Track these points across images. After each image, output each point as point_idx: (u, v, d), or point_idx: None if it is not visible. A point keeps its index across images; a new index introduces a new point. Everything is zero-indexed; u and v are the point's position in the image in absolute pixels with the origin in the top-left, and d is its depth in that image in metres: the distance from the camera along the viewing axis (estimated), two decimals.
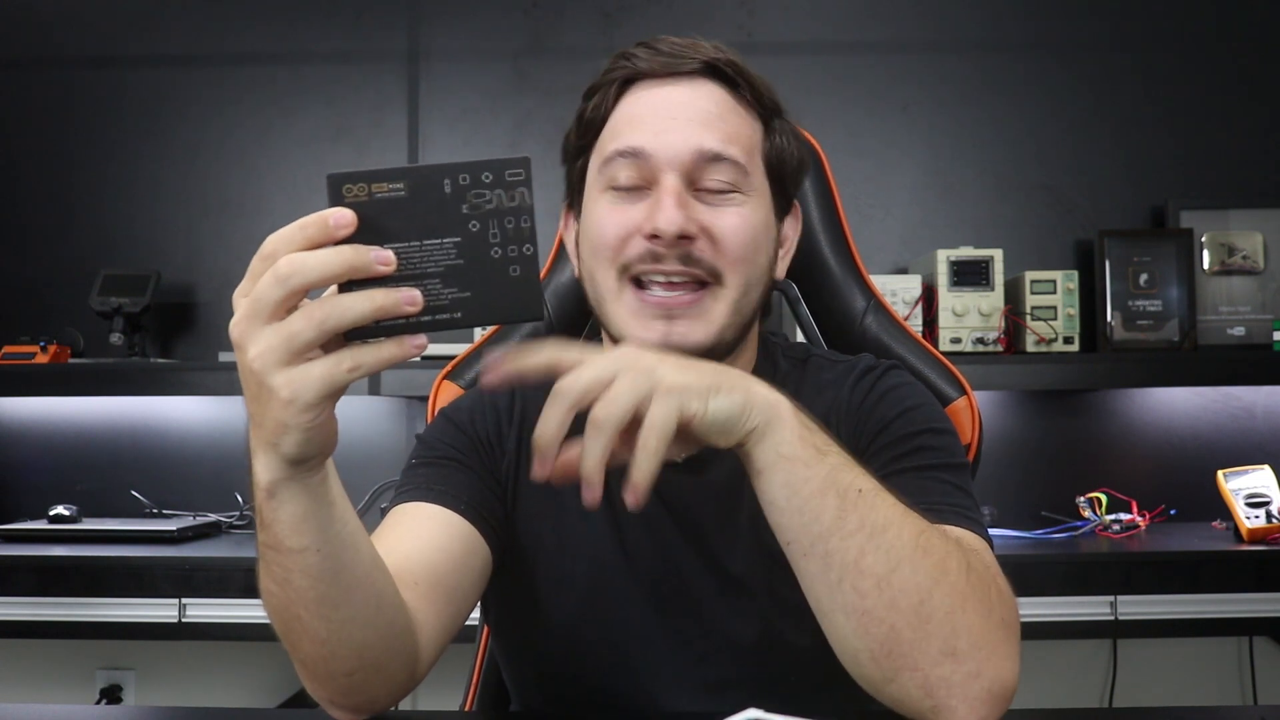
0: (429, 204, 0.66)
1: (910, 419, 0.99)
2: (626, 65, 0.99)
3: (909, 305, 2.31)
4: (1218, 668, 2.50)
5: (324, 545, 0.74)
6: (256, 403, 0.68)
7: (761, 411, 0.78)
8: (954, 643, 0.78)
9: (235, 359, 0.68)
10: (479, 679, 1.25)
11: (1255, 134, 2.59)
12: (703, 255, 0.94)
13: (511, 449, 1.04)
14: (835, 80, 2.61)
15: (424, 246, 0.66)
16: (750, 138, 0.99)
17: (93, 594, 2.05)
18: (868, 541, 0.78)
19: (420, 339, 0.66)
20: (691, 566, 1.00)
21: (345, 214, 0.65)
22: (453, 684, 1.24)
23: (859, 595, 0.78)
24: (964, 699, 0.78)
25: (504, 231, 0.67)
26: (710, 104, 0.97)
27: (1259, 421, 2.56)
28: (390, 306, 0.65)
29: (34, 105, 2.72)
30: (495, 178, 0.66)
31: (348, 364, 0.66)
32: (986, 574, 0.82)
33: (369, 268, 0.65)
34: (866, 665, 0.80)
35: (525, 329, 1.27)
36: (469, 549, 0.95)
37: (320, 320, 0.65)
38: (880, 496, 0.80)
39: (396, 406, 2.59)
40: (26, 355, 2.42)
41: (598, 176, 0.99)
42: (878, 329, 1.25)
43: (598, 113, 1.00)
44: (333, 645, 0.78)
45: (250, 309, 0.66)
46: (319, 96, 2.67)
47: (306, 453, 0.69)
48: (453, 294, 0.66)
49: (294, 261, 0.64)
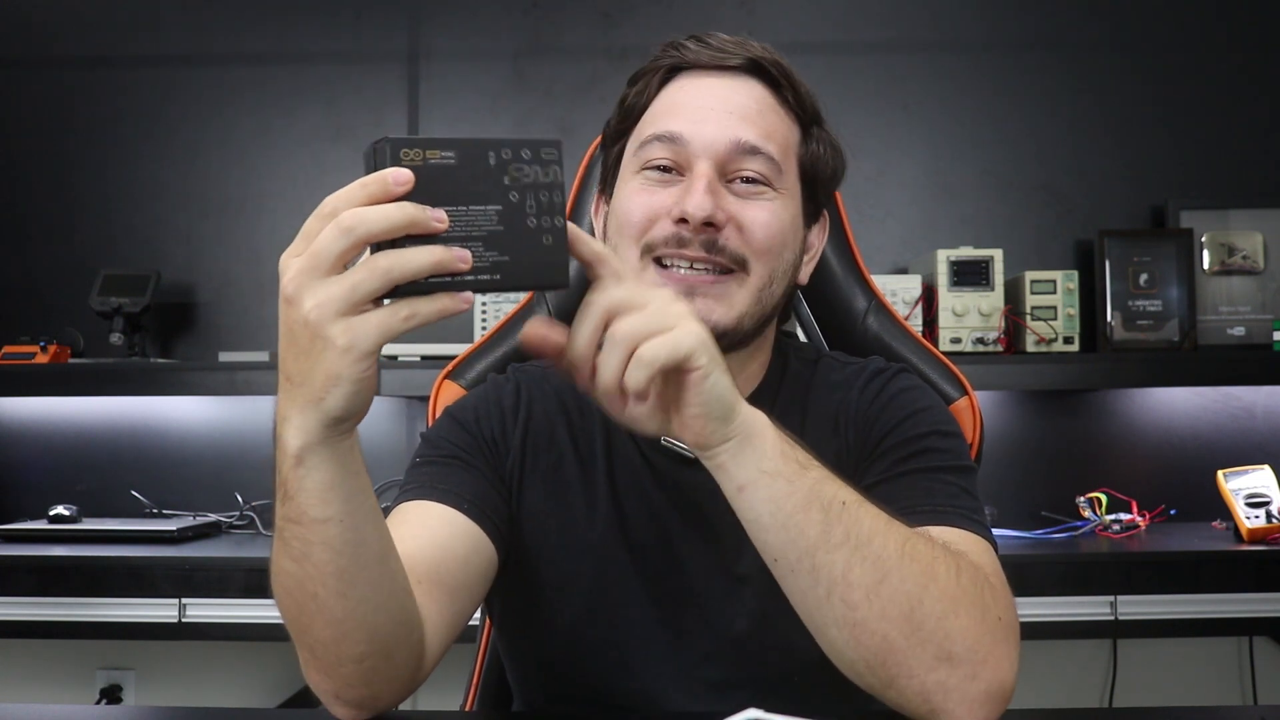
0: (476, 172, 0.71)
1: (918, 421, 0.99)
2: (674, 54, 1.00)
3: (909, 305, 2.31)
4: (1218, 668, 2.50)
5: (347, 516, 0.75)
6: (307, 357, 0.69)
7: (745, 423, 0.79)
8: (948, 647, 0.78)
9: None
10: (479, 679, 1.25)
11: (1255, 134, 2.59)
12: (728, 243, 0.95)
13: (516, 447, 1.04)
14: (835, 80, 2.61)
15: (470, 211, 0.70)
16: (787, 138, 1.00)
17: (93, 594, 2.05)
18: (854, 553, 0.79)
19: (469, 295, 0.69)
20: (697, 565, 1.00)
21: (404, 173, 0.68)
22: (453, 684, 1.24)
23: (849, 607, 0.79)
24: (961, 702, 0.79)
25: (539, 203, 0.72)
26: (751, 100, 0.99)
27: (1259, 421, 2.56)
28: (448, 261, 0.68)
29: (34, 105, 2.72)
30: (533, 154, 0.72)
31: (405, 312, 0.68)
32: (979, 575, 0.82)
33: (427, 224, 0.68)
34: (863, 674, 0.81)
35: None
36: (473, 547, 0.95)
37: (385, 269, 0.67)
38: (864, 508, 0.81)
39: (396, 406, 2.59)
40: (26, 355, 2.42)
41: (632, 158, 1.00)
42: (879, 329, 1.25)
43: (640, 99, 1.01)
44: (347, 626, 0.78)
45: (309, 262, 0.68)
46: (319, 96, 2.67)
47: (351, 408, 0.71)
48: (493, 257, 0.71)
49: (358, 214, 0.67)
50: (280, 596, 0.80)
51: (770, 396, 1.05)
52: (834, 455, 1.02)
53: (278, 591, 0.80)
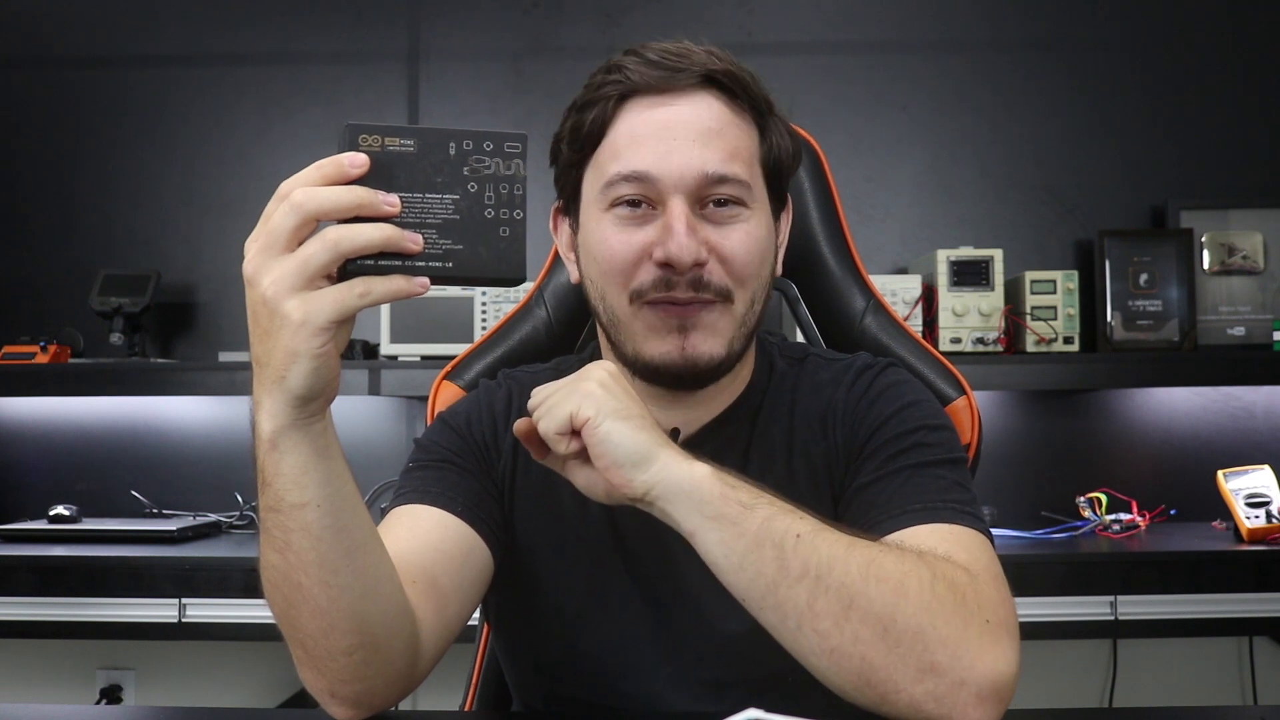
0: (434, 162, 0.73)
1: (906, 416, 0.99)
2: (620, 80, 0.97)
3: (909, 305, 2.31)
4: (1218, 668, 2.50)
5: (325, 500, 0.76)
6: (268, 337, 0.71)
7: (669, 469, 0.83)
8: (929, 658, 0.78)
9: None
10: (479, 679, 1.25)
11: (1255, 134, 2.59)
12: (712, 278, 0.95)
13: (508, 451, 1.04)
14: (835, 80, 2.61)
15: (426, 199, 0.72)
16: (750, 148, 0.99)
17: (93, 594, 2.05)
18: (815, 585, 0.79)
19: (424, 280, 0.71)
20: (689, 566, 1.00)
21: (359, 156, 0.71)
22: (453, 684, 1.24)
23: (821, 636, 0.79)
24: (955, 707, 0.78)
25: (498, 196, 0.73)
26: (710, 119, 0.96)
27: (1259, 421, 2.56)
28: (396, 239, 0.70)
29: (34, 105, 2.72)
30: (495, 147, 0.74)
31: (359, 289, 0.70)
32: (958, 579, 0.82)
33: (377, 206, 0.70)
34: (853, 695, 0.81)
35: (524, 330, 1.27)
36: (466, 549, 0.96)
37: (334, 242, 0.70)
38: (821, 536, 0.81)
39: (396, 406, 2.59)
40: (26, 355, 2.42)
41: (600, 195, 0.98)
42: (877, 329, 1.25)
43: (594, 126, 0.98)
44: (333, 617, 0.79)
45: (265, 241, 0.71)
46: (319, 96, 2.67)
47: (313, 386, 0.72)
48: (447, 245, 0.72)
49: (309, 192, 0.70)
50: (269, 592, 0.81)
51: (756, 401, 1.05)
52: (823, 456, 1.02)
53: (266, 588, 0.81)
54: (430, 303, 2.34)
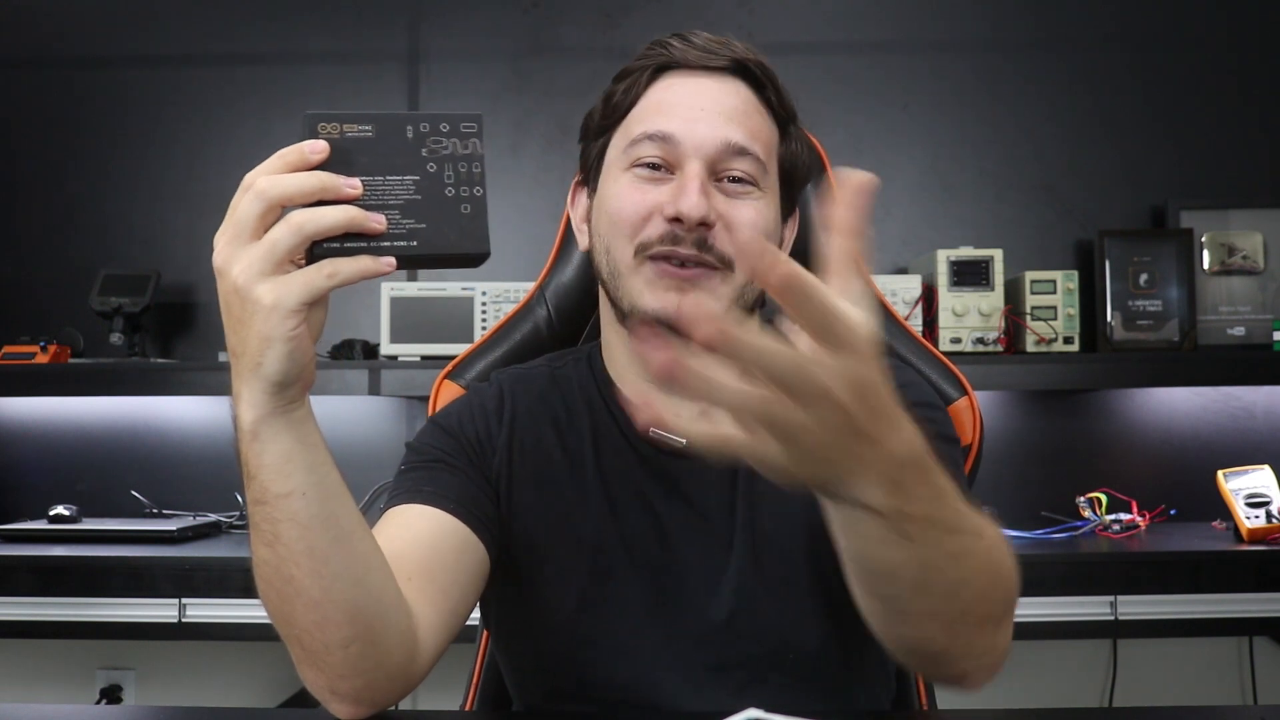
0: (392, 145, 0.75)
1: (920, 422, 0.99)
2: (661, 53, 1.02)
3: (909, 305, 2.31)
4: (1218, 668, 2.50)
5: (310, 489, 0.77)
6: (241, 325, 0.73)
7: (886, 482, 0.68)
8: (993, 641, 0.81)
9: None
10: (479, 679, 1.25)
11: (1255, 134, 2.59)
12: (716, 242, 0.97)
13: (503, 447, 1.04)
14: (835, 80, 2.61)
15: (387, 181, 0.74)
16: (769, 138, 1.03)
17: (93, 594, 2.05)
18: (973, 545, 0.74)
19: (390, 259, 0.73)
20: (688, 551, 1.01)
21: (319, 144, 0.73)
22: (453, 684, 1.24)
23: (948, 600, 0.75)
24: (988, 677, 0.83)
25: (458, 174, 0.75)
26: (738, 101, 1.01)
27: (1259, 421, 2.56)
28: (359, 219, 0.72)
29: (34, 105, 2.72)
30: (452, 128, 0.76)
31: (327, 269, 0.72)
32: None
33: (339, 189, 0.72)
34: (906, 660, 0.83)
35: (524, 329, 1.27)
36: (461, 546, 0.96)
37: (299, 225, 0.71)
38: (960, 500, 0.74)
39: (396, 406, 2.59)
40: (26, 355, 2.42)
41: (621, 155, 1.01)
42: None
43: (627, 96, 1.02)
44: (326, 609, 0.79)
45: (232, 231, 0.73)
46: (319, 96, 2.67)
47: (288, 371, 0.73)
48: (410, 225, 0.74)
49: (272, 179, 0.72)
50: (263, 590, 0.81)
51: None
52: None
53: (260, 586, 0.81)
54: (430, 303, 2.34)
